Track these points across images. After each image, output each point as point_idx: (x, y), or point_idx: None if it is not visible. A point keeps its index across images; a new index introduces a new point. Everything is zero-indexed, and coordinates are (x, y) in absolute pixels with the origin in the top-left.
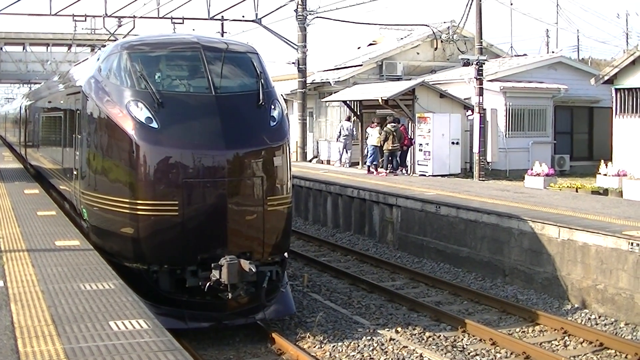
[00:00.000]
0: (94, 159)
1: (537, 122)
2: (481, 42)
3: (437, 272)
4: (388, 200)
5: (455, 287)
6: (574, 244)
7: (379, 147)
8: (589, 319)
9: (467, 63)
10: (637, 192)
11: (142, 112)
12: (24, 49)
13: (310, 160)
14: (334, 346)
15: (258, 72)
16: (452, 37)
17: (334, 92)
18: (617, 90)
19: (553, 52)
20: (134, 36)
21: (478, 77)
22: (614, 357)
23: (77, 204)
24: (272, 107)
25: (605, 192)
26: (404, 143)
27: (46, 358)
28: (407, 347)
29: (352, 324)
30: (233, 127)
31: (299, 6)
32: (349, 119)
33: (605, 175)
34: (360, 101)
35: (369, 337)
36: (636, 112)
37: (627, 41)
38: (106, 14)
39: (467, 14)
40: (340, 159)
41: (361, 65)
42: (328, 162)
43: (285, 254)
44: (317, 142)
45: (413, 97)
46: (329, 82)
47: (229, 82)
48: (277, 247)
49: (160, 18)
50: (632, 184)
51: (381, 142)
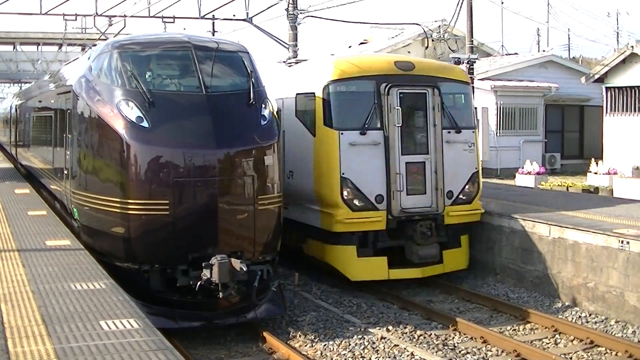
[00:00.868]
0: (85, 158)
1: (528, 121)
2: (472, 41)
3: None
4: None
5: (446, 287)
6: (565, 242)
7: None
8: (580, 317)
9: (458, 62)
10: (628, 190)
11: (132, 112)
12: (14, 48)
13: None
14: (325, 345)
15: (249, 71)
16: (443, 36)
17: None
18: (607, 88)
19: (544, 50)
20: (124, 35)
21: (469, 75)
22: (605, 354)
23: (67, 203)
24: (263, 106)
25: (596, 190)
26: None
27: (36, 358)
28: (398, 345)
29: (343, 323)
30: (224, 126)
31: (290, 5)
32: None
33: (596, 173)
34: None
35: (360, 336)
36: (626, 110)
37: (617, 40)
38: (97, 13)
39: (458, 13)
40: None
41: None
42: None
43: (276, 253)
44: None
45: None
46: None
47: (220, 81)
48: (268, 246)
49: (151, 17)
50: (623, 182)
51: None
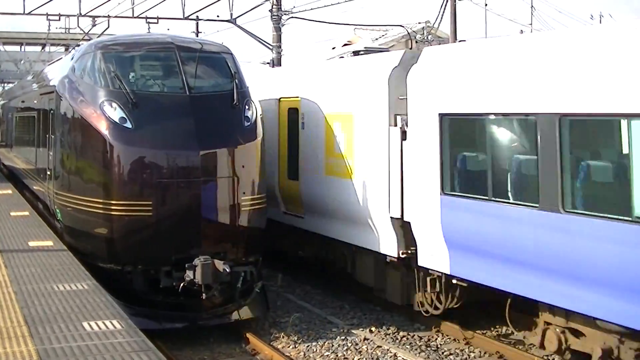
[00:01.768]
0: (68, 159)
1: None
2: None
3: None
4: None
5: None
6: None
7: None
8: None
9: None
10: None
11: (116, 112)
12: None
13: None
14: (308, 346)
15: (232, 72)
16: (427, 37)
17: None
18: None
19: None
20: (108, 36)
21: None
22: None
23: (50, 204)
24: (247, 107)
25: None
26: None
27: (19, 359)
28: (381, 346)
29: (326, 324)
30: (207, 127)
31: (274, 6)
32: None
33: None
34: None
35: (343, 337)
36: None
37: None
38: (80, 14)
39: (442, 15)
40: None
41: None
42: None
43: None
44: None
45: None
46: None
47: (203, 82)
48: (251, 247)
49: (135, 18)
50: None
51: None
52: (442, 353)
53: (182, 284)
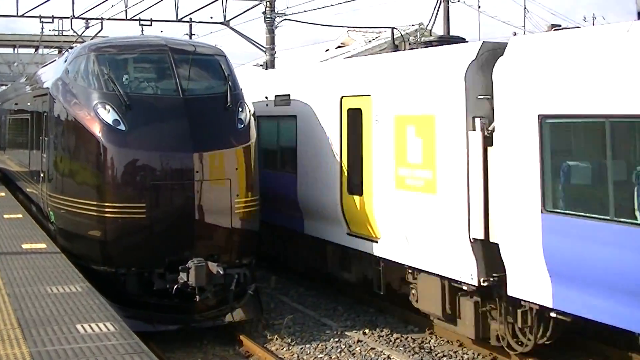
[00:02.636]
0: (61, 161)
1: None
2: None
3: None
4: None
5: None
6: None
7: None
8: None
9: None
10: None
11: (109, 115)
12: None
13: None
14: (301, 348)
15: (225, 74)
16: (420, 39)
17: None
18: None
19: None
20: (101, 38)
21: None
22: None
23: (44, 206)
24: (240, 109)
25: None
26: None
27: None
28: (374, 348)
29: (320, 326)
30: (200, 129)
31: (267, 8)
32: None
33: None
34: None
35: (336, 339)
36: None
37: None
38: (74, 16)
39: (435, 17)
40: None
41: None
42: None
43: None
44: None
45: None
46: None
47: (197, 84)
48: (245, 250)
49: (128, 20)
50: None
51: None
52: (436, 355)
53: (175, 286)
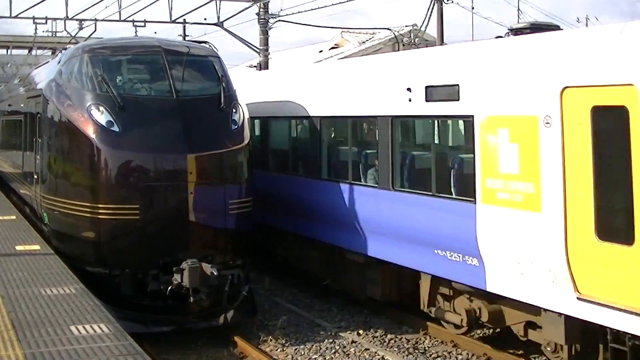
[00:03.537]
0: (55, 162)
1: None
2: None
3: None
4: None
5: None
6: None
7: None
8: None
9: None
10: None
11: (103, 116)
12: None
13: None
14: (296, 349)
15: (219, 75)
16: (414, 40)
17: None
18: None
19: None
20: (95, 39)
21: None
22: None
23: (37, 208)
24: (234, 110)
25: None
26: None
27: None
28: (369, 349)
29: (314, 327)
30: (194, 130)
31: (261, 10)
32: None
33: None
34: None
35: (330, 340)
36: None
37: None
38: (67, 17)
39: (429, 18)
40: None
41: None
42: None
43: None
44: None
45: None
46: None
47: (191, 85)
48: (239, 251)
49: (122, 21)
50: None
51: None
52: (430, 355)
53: (169, 288)
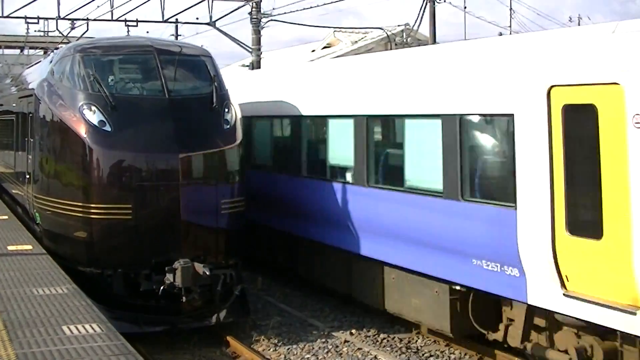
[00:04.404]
0: (47, 162)
1: None
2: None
3: None
4: None
5: None
6: None
7: None
8: None
9: None
10: None
11: (95, 116)
12: None
13: None
14: (288, 349)
15: (211, 75)
16: (406, 40)
17: None
18: None
19: None
20: (87, 39)
21: None
22: None
23: (29, 207)
24: (226, 110)
25: None
26: None
27: None
28: (361, 349)
29: (307, 327)
30: (186, 130)
31: (253, 9)
32: None
33: None
34: None
35: (323, 340)
36: None
37: None
38: (59, 16)
39: (421, 17)
40: None
41: None
42: None
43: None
44: None
45: None
46: None
47: (183, 85)
48: (231, 250)
49: (114, 21)
50: None
51: None
52: (423, 355)
53: (162, 287)
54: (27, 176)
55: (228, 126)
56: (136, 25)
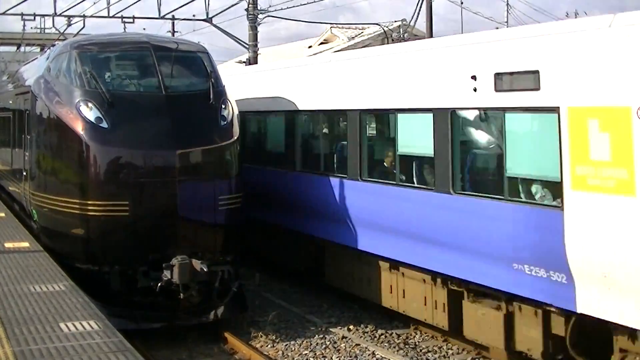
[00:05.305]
0: (44, 159)
1: None
2: None
3: None
4: None
5: None
6: None
7: None
8: None
9: None
10: None
11: (91, 112)
12: None
13: None
14: (286, 345)
15: (208, 71)
16: (403, 35)
17: None
18: None
19: None
20: (83, 35)
21: None
22: None
23: (26, 205)
24: (223, 106)
25: None
26: None
27: None
28: (359, 345)
29: (305, 323)
30: (183, 126)
31: (250, 5)
32: None
33: None
34: None
35: (321, 336)
36: None
37: None
38: (55, 13)
39: (418, 13)
40: None
41: None
42: None
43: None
44: None
45: None
46: None
47: (179, 81)
48: (228, 246)
49: (111, 17)
50: None
51: None
52: (420, 350)
53: (159, 284)
54: (24, 173)
55: (225, 122)
56: (133, 22)
